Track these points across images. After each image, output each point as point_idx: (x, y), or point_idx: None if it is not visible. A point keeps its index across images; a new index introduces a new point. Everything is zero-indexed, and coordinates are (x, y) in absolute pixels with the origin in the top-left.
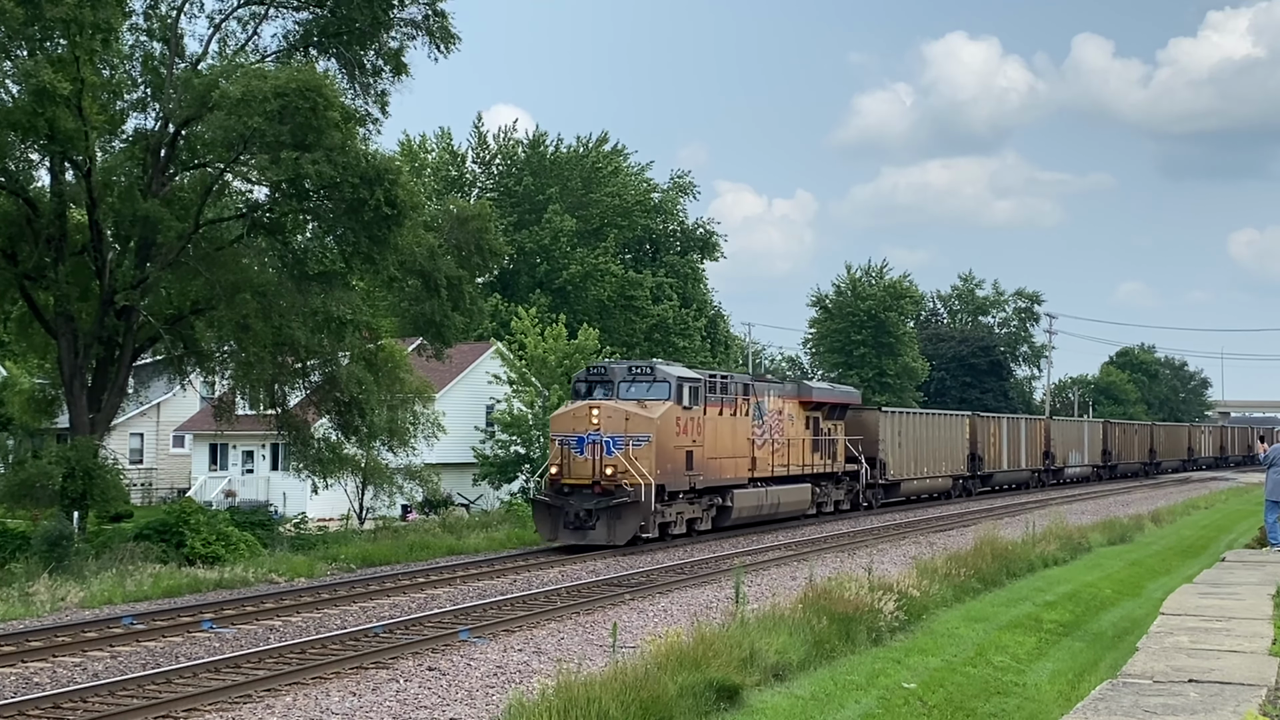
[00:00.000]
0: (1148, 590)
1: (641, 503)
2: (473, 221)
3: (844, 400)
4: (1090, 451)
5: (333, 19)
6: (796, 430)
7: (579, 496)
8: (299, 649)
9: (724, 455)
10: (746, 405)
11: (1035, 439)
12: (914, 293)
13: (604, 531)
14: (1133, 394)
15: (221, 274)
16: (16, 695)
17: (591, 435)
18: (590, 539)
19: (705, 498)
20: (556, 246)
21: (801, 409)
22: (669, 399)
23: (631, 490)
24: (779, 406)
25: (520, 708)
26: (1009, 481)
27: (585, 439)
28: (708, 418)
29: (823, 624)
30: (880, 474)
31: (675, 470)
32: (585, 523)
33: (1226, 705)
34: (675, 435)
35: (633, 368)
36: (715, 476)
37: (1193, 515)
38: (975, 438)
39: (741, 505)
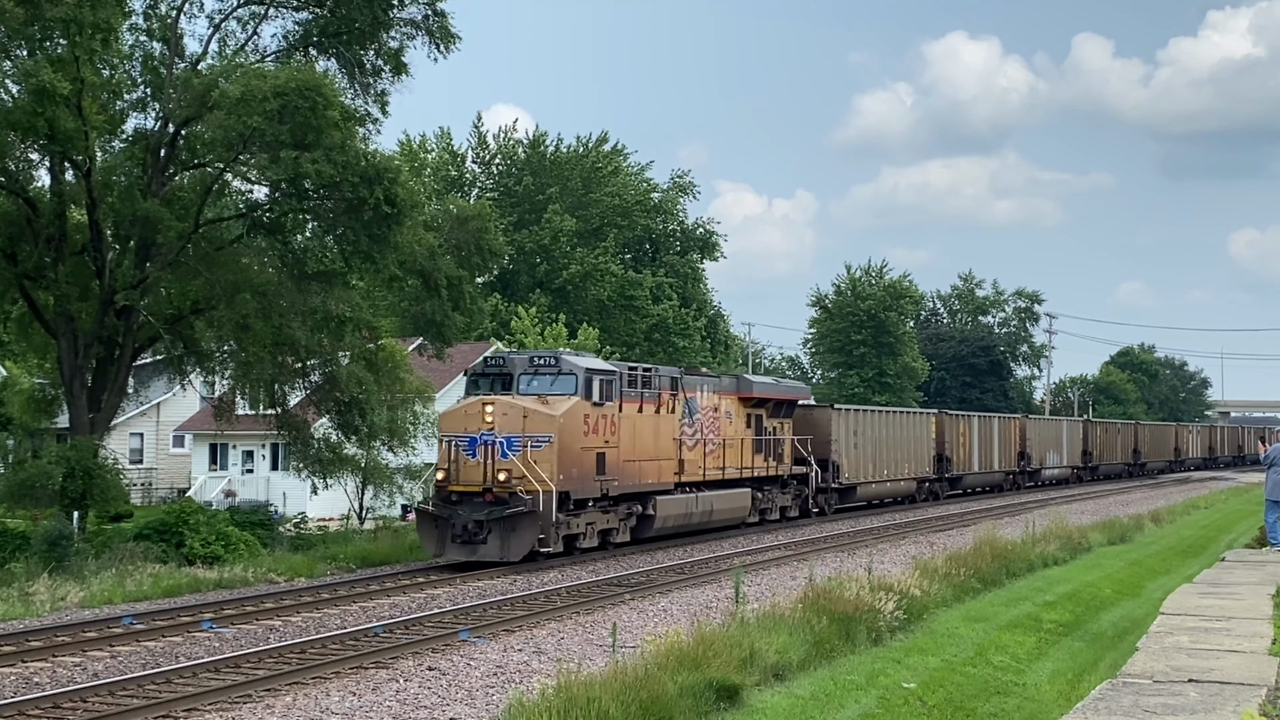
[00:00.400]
0: (1148, 590)
1: (540, 512)
2: (473, 221)
3: (790, 396)
4: (1069, 452)
5: (333, 19)
6: (735, 429)
7: (468, 506)
8: (299, 649)
9: (645, 457)
10: (674, 401)
11: (1010, 439)
12: (914, 293)
13: (496, 546)
14: (1133, 394)
15: (221, 274)
16: (16, 695)
17: (484, 435)
18: (480, 554)
19: (622, 505)
20: (556, 246)
21: (741, 406)
22: (576, 394)
23: (528, 498)
24: (714, 403)
25: (520, 708)
26: (981, 484)
27: (477, 440)
28: (624, 415)
29: (823, 624)
30: (834, 477)
31: (583, 475)
32: (475, 536)
33: (1226, 705)
34: (583, 435)
35: (534, 359)
36: (633, 481)
37: (1192, 515)
38: (943, 438)
39: (666, 514)
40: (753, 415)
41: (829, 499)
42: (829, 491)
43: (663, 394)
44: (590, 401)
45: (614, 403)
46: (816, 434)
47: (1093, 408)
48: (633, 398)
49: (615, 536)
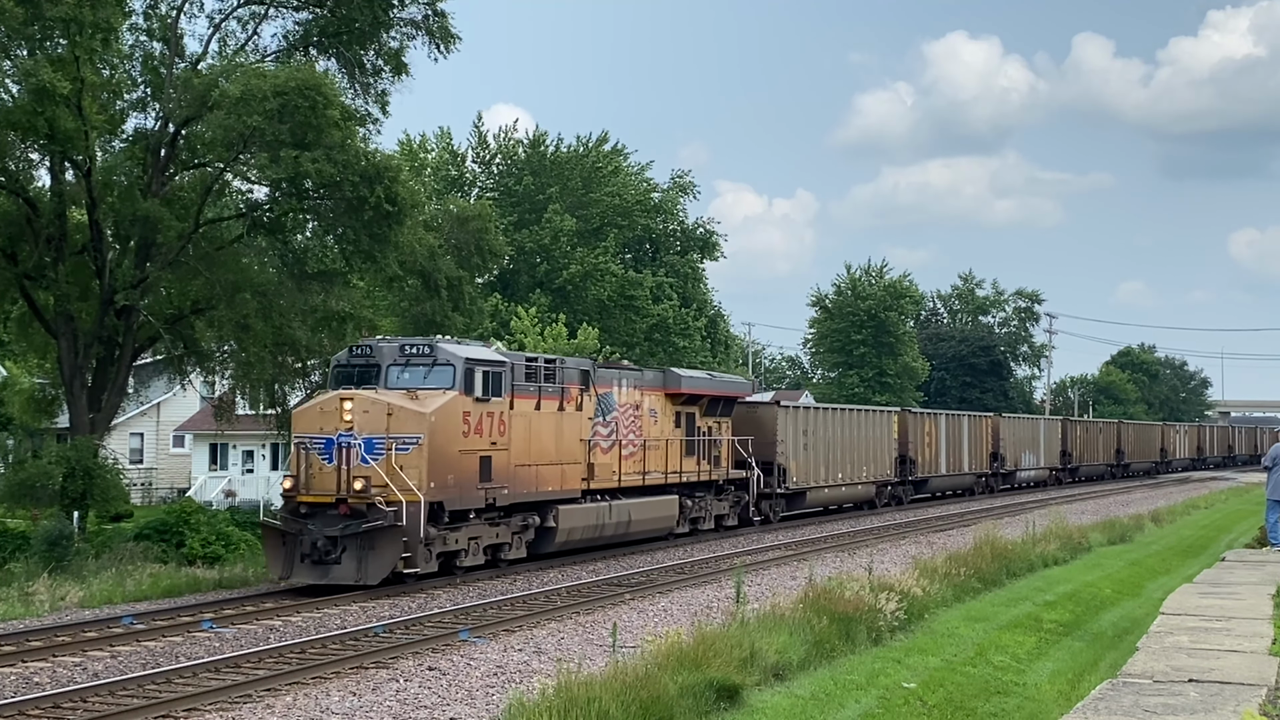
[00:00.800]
0: (1148, 590)
1: (404, 526)
2: (473, 221)
3: (728, 393)
4: (1047, 452)
5: (333, 19)
6: (661, 429)
7: (321, 519)
8: (299, 649)
9: (544, 461)
10: (583, 398)
11: (981, 438)
12: (914, 292)
13: (351, 566)
14: (1133, 394)
15: (221, 273)
16: (16, 695)
17: (342, 437)
18: (333, 577)
19: (516, 517)
20: (556, 246)
21: (669, 403)
22: (454, 388)
23: (390, 510)
24: (635, 400)
25: (520, 708)
26: (949, 488)
27: (334, 441)
28: (517, 413)
29: (823, 624)
30: (780, 481)
31: (462, 482)
32: (326, 555)
33: (1226, 705)
34: (462, 436)
35: (406, 346)
36: (529, 489)
37: (1193, 515)
38: (906, 438)
39: (570, 525)
40: (683, 413)
41: (774, 505)
42: (774, 497)
43: (569, 389)
44: (473, 397)
45: (504, 398)
46: (760, 434)
47: (1093, 408)
48: (529, 393)
49: (507, 553)
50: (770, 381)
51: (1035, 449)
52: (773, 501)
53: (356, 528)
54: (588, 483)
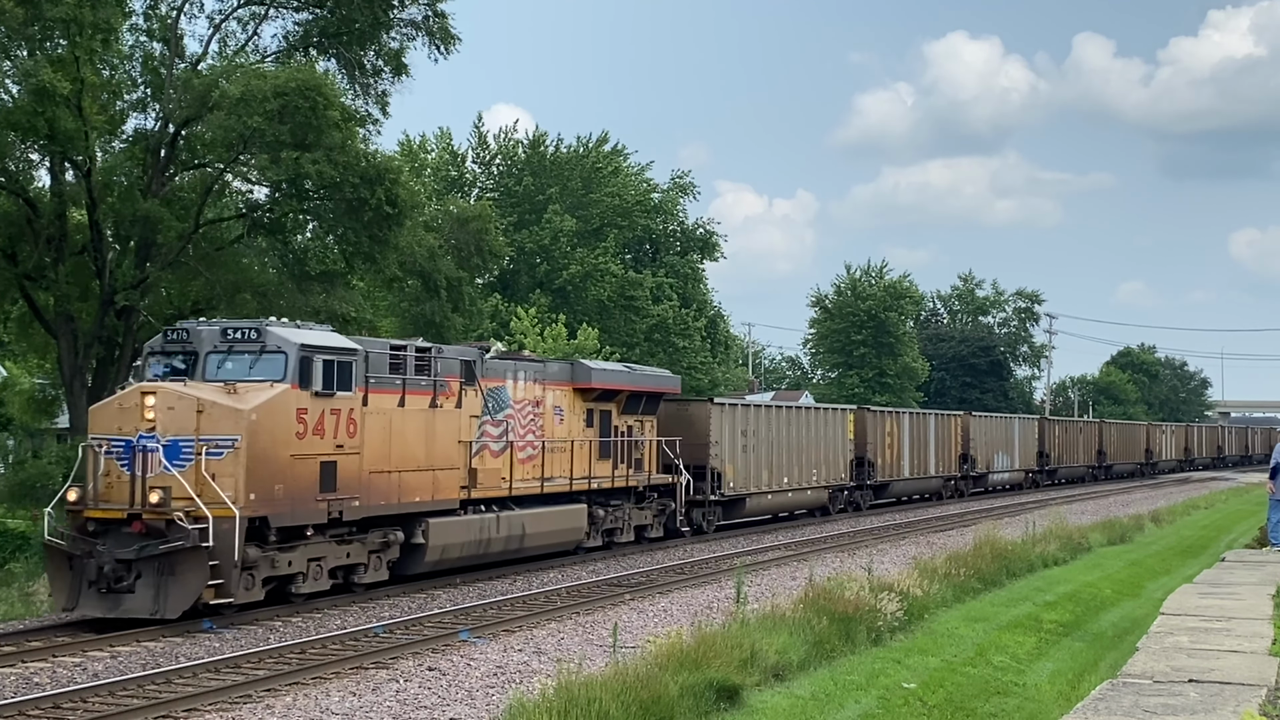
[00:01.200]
0: (1148, 590)
1: (213, 547)
2: (473, 222)
3: (652, 388)
4: (1022, 454)
5: (333, 19)
6: (569, 429)
7: (113, 539)
8: (299, 649)
9: (409, 467)
10: (465, 393)
11: (949, 439)
12: (914, 293)
13: (147, 596)
14: (1133, 394)
15: (221, 274)
16: (16, 695)
17: (141, 438)
18: (126, 609)
19: (374, 533)
20: (556, 246)
21: (579, 400)
22: (285, 379)
23: (196, 528)
24: (535, 395)
25: (521, 708)
26: (913, 492)
27: (133, 444)
28: (372, 411)
29: (823, 624)
30: (715, 487)
31: (296, 493)
32: (118, 582)
33: (1226, 705)
34: (295, 438)
35: (229, 330)
36: (388, 500)
37: (1192, 515)
38: (863, 438)
39: (445, 541)
40: (596, 411)
41: (708, 514)
42: (707, 505)
43: (447, 382)
44: (311, 390)
45: (354, 392)
46: (691, 435)
47: (1093, 408)
48: (390, 386)
49: (363, 575)
50: (770, 382)
51: (1009, 450)
52: (706, 509)
53: (153, 549)
54: (468, 491)
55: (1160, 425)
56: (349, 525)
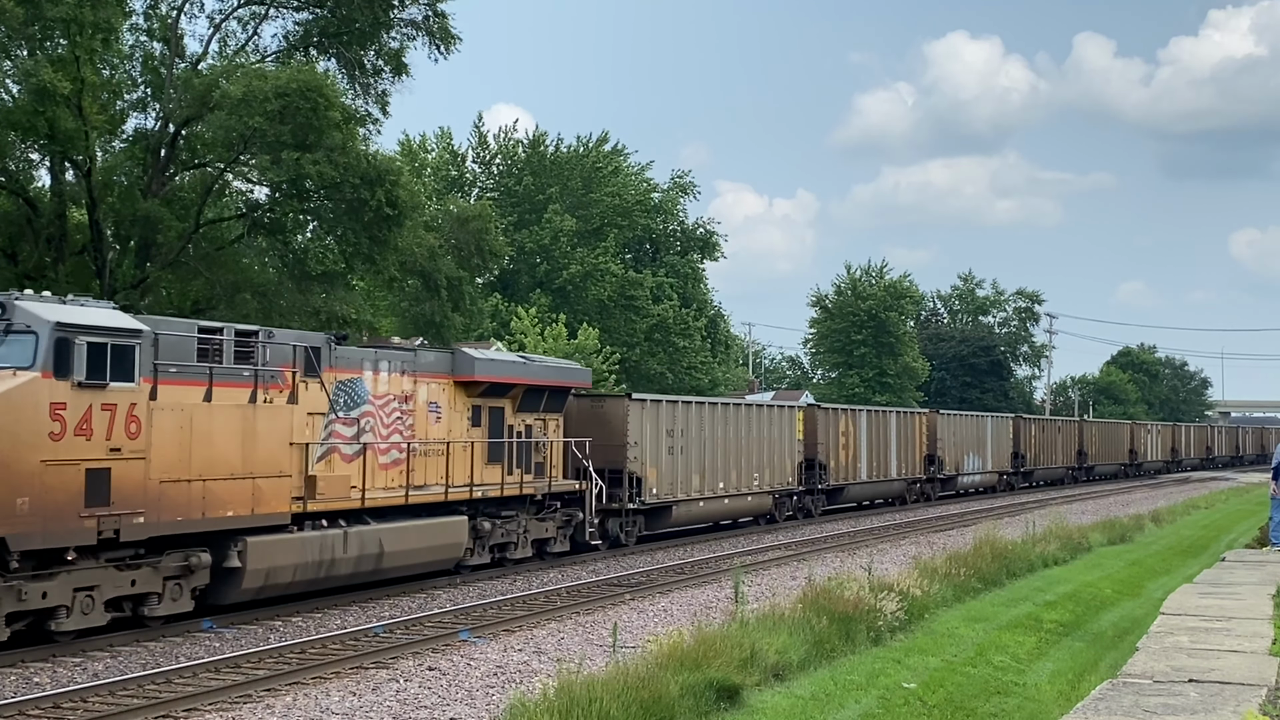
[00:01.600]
0: (1148, 590)
1: None
2: (473, 222)
3: (554, 382)
4: (995, 454)
5: (333, 19)
6: (448, 428)
7: None
8: (299, 649)
9: (218, 474)
10: (303, 384)
11: (914, 439)
12: (914, 293)
13: None
14: (1133, 394)
15: (222, 274)
16: (16, 695)
17: None
18: None
19: (173, 555)
20: (556, 246)
21: (462, 394)
22: (33, 366)
23: None
24: (404, 389)
25: (521, 708)
26: (872, 496)
27: None
28: (164, 406)
29: (823, 624)
30: (634, 494)
31: (49, 507)
32: None
33: (1226, 705)
34: (49, 438)
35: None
36: (190, 514)
37: (1193, 515)
38: (814, 438)
39: (269, 564)
40: (485, 408)
41: (628, 524)
42: (625, 514)
43: (279, 373)
44: (71, 380)
45: (136, 383)
46: (605, 435)
47: (1093, 408)
48: (193, 377)
49: (154, 606)
50: (770, 382)
51: (981, 451)
52: (624, 520)
53: None
54: (304, 503)
55: (1145, 424)
56: (133, 546)
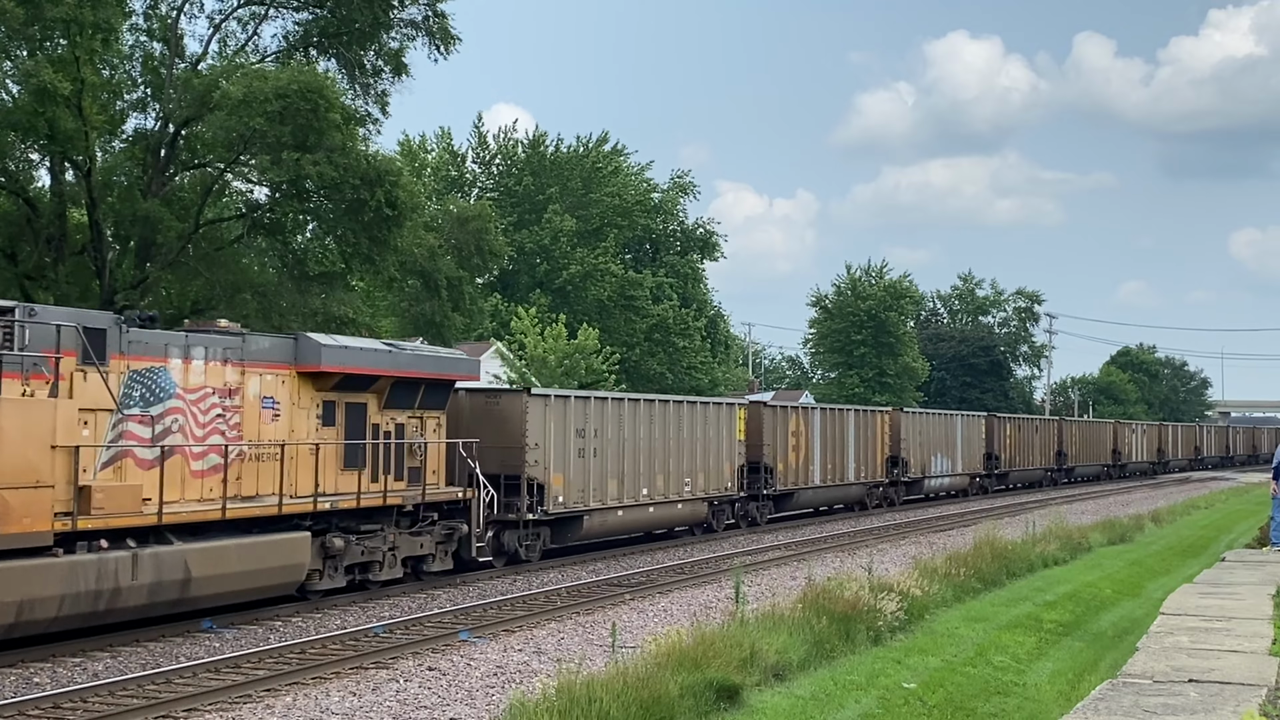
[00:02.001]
0: (1148, 590)
1: None
2: (473, 222)
3: (432, 374)
4: (966, 456)
5: (333, 19)
6: (289, 427)
7: None
8: (299, 649)
9: None
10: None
11: (875, 439)
12: (914, 293)
13: None
14: (1133, 394)
15: (221, 274)
16: (16, 695)
17: None
18: None
19: None
20: (556, 246)
21: (308, 387)
22: None
23: None
24: (227, 381)
25: (521, 708)
26: (827, 501)
27: None
28: None
29: (822, 624)
30: (537, 503)
31: None
32: None
33: (1226, 705)
34: None
35: None
36: None
37: (1193, 515)
38: (759, 439)
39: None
40: (340, 404)
41: (528, 537)
42: (524, 526)
43: (43, 360)
44: None
45: None
46: (501, 436)
47: (1093, 408)
48: None
49: None
50: (770, 381)
51: (950, 452)
52: (524, 532)
53: None
54: (74, 520)
55: (1130, 424)
56: None
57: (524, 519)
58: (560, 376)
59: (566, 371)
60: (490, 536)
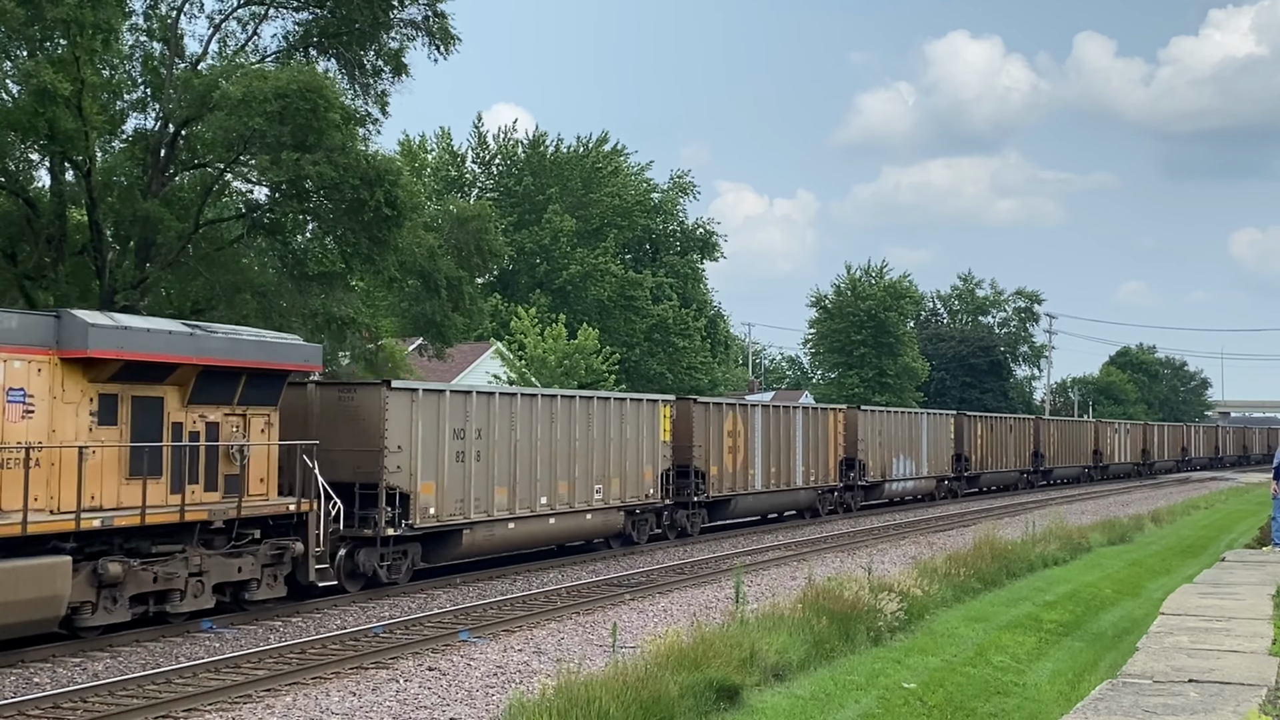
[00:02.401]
0: (1148, 590)
1: None
2: (473, 222)
3: (255, 362)
4: (933, 458)
5: (333, 19)
6: (46, 426)
7: None
8: (299, 649)
9: None
10: None
11: (826, 440)
12: (914, 293)
13: None
14: (1133, 394)
15: (221, 274)
16: (16, 695)
17: None
18: None
19: None
20: (556, 246)
21: (76, 376)
22: None
23: None
24: None
25: (521, 708)
26: (774, 509)
27: None
28: None
29: (822, 624)
30: (400, 517)
31: None
32: None
33: (1226, 705)
34: None
35: None
36: None
37: (1192, 515)
38: (688, 439)
39: None
40: (123, 398)
41: (394, 555)
42: (386, 543)
43: None
44: None
45: None
46: (356, 437)
47: (1093, 408)
48: None
49: None
50: (770, 382)
51: (915, 453)
52: (385, 550)
53: None
54: None
55: (1112, 423)
56: None
57: (382, 535)
58: (560, 377)
59: (566, 372)
60: (343, 555)
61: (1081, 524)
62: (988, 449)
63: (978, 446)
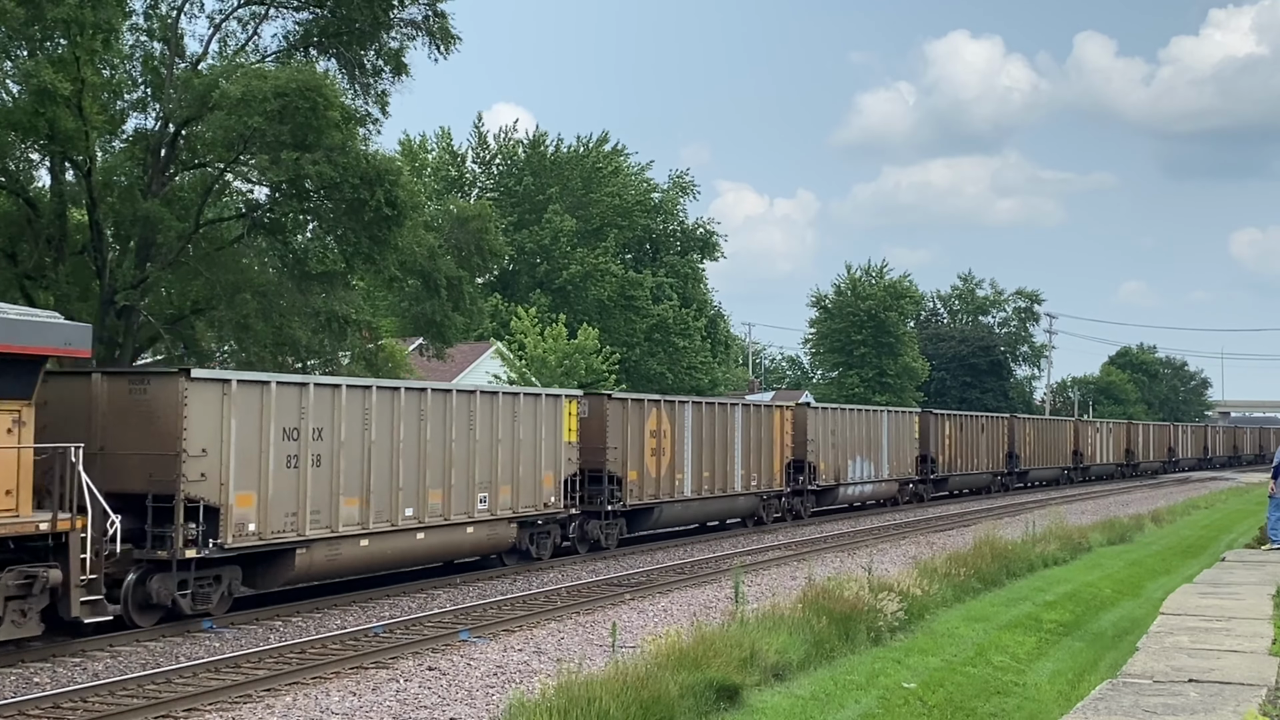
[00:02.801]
0: (1148, 590)
1: None
2: (473, 222)
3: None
4: (894, 459)
5: (333, 19)
6: None
7: None
8: (299, 649)
9: None
10: None
11: (771, 440)
12: (914, 293)
13: None
14: (1133, 394)
15: (221, 274)
16: (16, 695)
17: None
18: None
19: None
20: (556, 246)
21: None
22: None
23: None
24: None
25: (521, 708)
26: (708, 516)
27: None
28: None
29: (822, 624)
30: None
31: None
32: None
33: (1226, 705)
34: None
35: None
36: None
37: (1193, 515)
38: (601, 441)
39: None
40: None
41: (199, 582)
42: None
43: None
44: None
45: None
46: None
47: (1093, 408)
48: None
49: None
50: (770, 382)
51: (874, 454)
52: (185, 576)
53: None
54: None
55: (1094, 423)
56: None
57: (179, 557)
58: (561, 377)
59: (567, 372)
60: (131, 582)
61: (1081, 524)
62: (957, 450)
63: (945, 447)
